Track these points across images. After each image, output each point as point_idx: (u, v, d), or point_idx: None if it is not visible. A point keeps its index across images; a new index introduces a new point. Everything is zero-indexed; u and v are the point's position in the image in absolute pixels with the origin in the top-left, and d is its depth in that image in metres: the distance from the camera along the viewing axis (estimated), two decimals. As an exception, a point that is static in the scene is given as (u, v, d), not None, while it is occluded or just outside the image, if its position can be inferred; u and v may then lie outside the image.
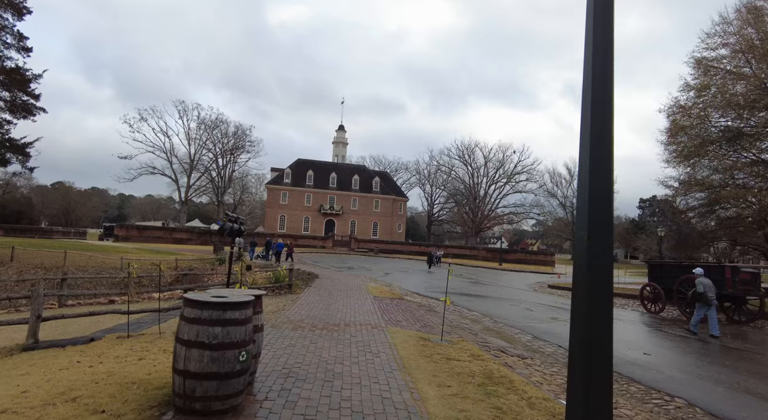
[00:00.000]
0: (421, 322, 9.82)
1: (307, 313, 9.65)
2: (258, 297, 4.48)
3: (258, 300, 4.49)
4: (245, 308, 3.81)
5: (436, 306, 13.96)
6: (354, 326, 8.30)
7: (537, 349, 8.56)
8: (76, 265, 26.26)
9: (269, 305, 11.16)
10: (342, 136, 78.75)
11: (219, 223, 6.44)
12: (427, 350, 6.56)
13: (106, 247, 37.30)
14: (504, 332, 10.20)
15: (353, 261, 37.27)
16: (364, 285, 17.28)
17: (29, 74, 26.39)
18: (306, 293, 13.44)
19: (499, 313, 13.28)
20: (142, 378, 4.46)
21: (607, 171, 2.48)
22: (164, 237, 50.74)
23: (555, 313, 14.29)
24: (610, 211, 2.52)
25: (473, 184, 75.25)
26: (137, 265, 27.01)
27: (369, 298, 12.99)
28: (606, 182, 2.48)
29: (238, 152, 70.64)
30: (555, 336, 9.90)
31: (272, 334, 7.11)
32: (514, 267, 46.47)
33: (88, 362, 5.17)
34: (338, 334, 7.46)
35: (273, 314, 9.58)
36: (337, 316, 9.38)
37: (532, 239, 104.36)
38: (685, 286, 14.24)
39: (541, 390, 5.26)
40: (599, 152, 2.47)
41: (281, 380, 4.72)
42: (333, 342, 6.78)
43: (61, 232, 51.95)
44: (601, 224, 2.46)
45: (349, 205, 67.14)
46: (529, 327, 10.97)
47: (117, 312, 7.37)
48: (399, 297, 14.47)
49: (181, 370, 3.58)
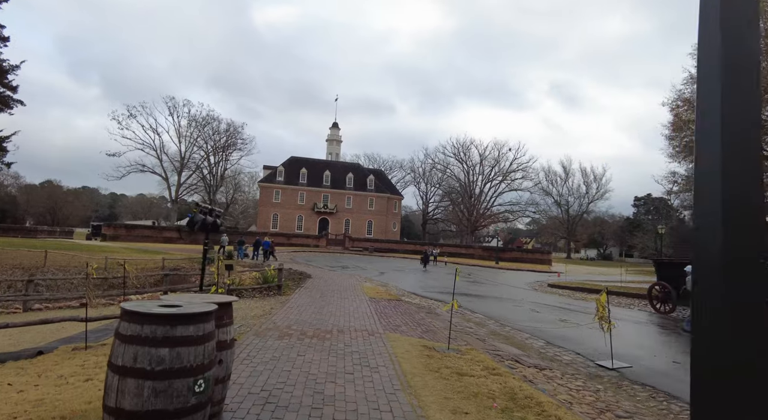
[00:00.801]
0: (423, 326, 8.90)
1: (297, 317, 8.70)
2: (225, 305, 3.54)
3: (226, 309, 3.55)
4: (204, 321, 2.86)
5: (436, 307, 13.06)
6: (349, 333, 7.37)
7: (553, 358, 7.67)
8: (57, 265, 25.11)
9: (255, 308, 10.19)
10: (336, 134, 77.58)
11: (189, 215, 5.38)
12: (433, 363, 5.64)
13: (92, 246, 36.06)
14: (513, 337, 9.32)
15: (347, 260, 36.31)
16: (359, 285, 16.35)
17: (6, 65, 25.12)
18: (297, 295, 12.49)
19: (504, 315, 12.41)
20: (77, 409, 3.49)
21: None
22: (154, 236, 49.49)
23: (562, 314, 13.44)
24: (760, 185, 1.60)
25: (468, 182, 74.47)
26: (117, 265, 25.93)
27: (365, 300, 12.06)
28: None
29: (230, 150, 69.43)
30: (568, 341, 9.04)
31: (254, 344, 6.16)
32: (511, 265, 45.72)
33: (21, 385, 4.20)
34: (331, 342, 6.52)
35: (258, 319, 8.62)
36: (329, 321, 8.44)
37: (527, 238, 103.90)
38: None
39: (574, 413, 4.36)
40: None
41: (257, 408, 3.78)
42: (324, 353, 5.84)
43: (47, 232, 50.45)
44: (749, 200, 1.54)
45: (343, 204, 66.09)
46: (538, 330, 10.09)
47: (74, 319, 6.37)
48: (396, 298, 13.56)
49: (113, 409, 2.62)
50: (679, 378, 6.55)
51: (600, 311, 7.16)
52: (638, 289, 21.94)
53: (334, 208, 65.00)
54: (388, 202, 68.36)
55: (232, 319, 3.77)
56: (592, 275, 36.25)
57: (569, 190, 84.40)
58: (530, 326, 10.66)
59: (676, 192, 24.82)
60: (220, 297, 3.80)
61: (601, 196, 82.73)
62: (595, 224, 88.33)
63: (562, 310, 14.60)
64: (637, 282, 29.44)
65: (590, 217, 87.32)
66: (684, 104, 23.47)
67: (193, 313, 2.80)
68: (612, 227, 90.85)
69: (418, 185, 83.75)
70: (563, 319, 12.19)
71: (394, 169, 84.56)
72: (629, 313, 14.70)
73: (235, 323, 8.48)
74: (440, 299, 15.31)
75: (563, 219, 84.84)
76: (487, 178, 74.21)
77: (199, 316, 2.82)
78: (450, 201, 79.02)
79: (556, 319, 12.24)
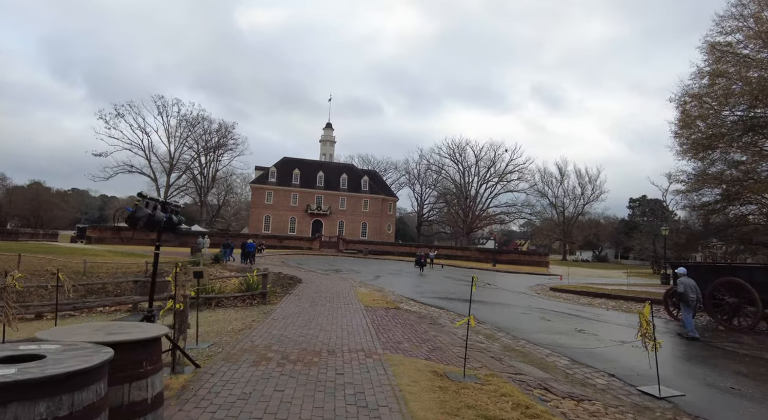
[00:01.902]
0: (428, 343, 7.65)
1: (280, 332, 7.41)
2: (144, 343, 2.28)
3: (146, 349, 2.28)
4: (74, 388, 1.60)
5: (439, 317, 11.82)
6: (341, 354, 6.10)
7: (584, 381, 6.45)
8: (32, 269, 23.59)
9: (234, 321, 8.89)
10: (329, 134, 76.15)
11: (129, 209, 4.08)
12: (449, 399, 4.39)
13: (74, 249, 34.48)
14: (531, 353, 8.09)
15: (341, 263, 34.98)
16: (353, 291, 15.07)
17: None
18: (284, 303, 11.19)
19: (514, 325, 11.19)
20: None
21: None
22: (141, 238, 47.75)
23: (576, 322, 12.25)
24: None
25: (464, 184, 73.42)
26: (100, 269, 24.45)
27: (359, 309, 10.79)
28: None
29: (222, 150, 67.86)
30: (596, 358, 7.82)
31: (220, 374, 4.87)
32: (509, 268, 44.59)
33: None
34: (318, 370, 5.25)
35: (236, 335, 7.32)
36: (318, 338, 7.17)
37: (521, 239, 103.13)
38: (721, 292, 12.45)
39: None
40: None
41: None
42: (310, 387, 4.57)
43: (29, 234, 48.69)
44: None
45: (337, 205, 64.70)
46: (557, 345, 8.88)
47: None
48: (394, 306, 12.29)
49: None
50: (749, 412, 5.35)
51: (644, 326, 5.96)
52: (647, 293, 20.85)
53: (327, 209, 63.60)
54: (382, 203, 67.09)
55: (160, 362, 2.50)
56: (592, 278, 35.20)
57: (564, 192, 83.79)
58: (547, 339, 9.45)
59: (683, 191, 23.77)
60: (141, 331, 2.53)
61: (597, 198, 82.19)
62: (590, 226, 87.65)
63: (573, 317, 13.42)
64: (640, 285, 28.42)
65: (585, 218, 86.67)
66: (692, 99, 22.48)
67: (47, 377, 1.53)
68: (607, 229, 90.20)
69: (412, 187, 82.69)
70: (580, 329, 10.99)
71: (389, 170, 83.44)
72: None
73: (208, 340, 7.18)
74: (442, 306, 14.08)
75: (558, 220, 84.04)
76: (482, 180, 73.29)
77: (59, 382, 1.55)
78: (445, 202, 77.91)
79: (571, 329, 11.03)
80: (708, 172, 22.41)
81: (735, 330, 11.95)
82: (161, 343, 2.51)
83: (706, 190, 22.44)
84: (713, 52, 21.74)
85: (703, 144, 21.70)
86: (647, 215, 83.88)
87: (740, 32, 21.61)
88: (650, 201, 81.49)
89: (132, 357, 2.11)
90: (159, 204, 4.41)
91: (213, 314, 10.02)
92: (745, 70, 21.11)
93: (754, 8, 21.02)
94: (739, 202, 21.72)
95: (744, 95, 20.60)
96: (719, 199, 22.29)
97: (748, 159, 20.46)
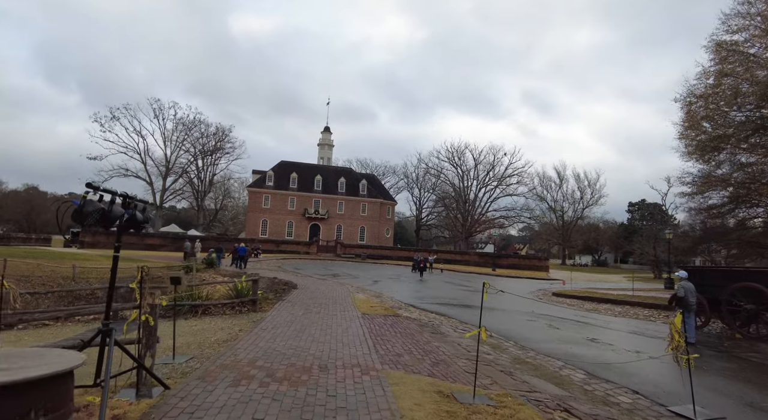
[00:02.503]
0: (431, 355, 6.96)
1: (268, 345, 6.72)
2: (39, 383, 1.60)
3: (49, 389, 1.61)
4: None
5: (441, 325, 11.14)
6: (334, 371, 5.41)
7: (607, 400, 5.77)
8: (18, 275, 22.82)
9: (219, 331, 8.19)
10: (327, 138, 75.58)
11: (76, 202, 3.37)
12: (460, 429, 3.71)
13: (64, 254, 33.66)
14: (543, 366, 7.41)
15: (339, 267, 34.25)
16: (350, 297, 14.37)
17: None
18: (275, 311, 10.48)
19: (521, 333, 10.53)
20: None
21: None
22: (136, 243, 47.15)
23: (585, 330, 11.58)
24: None
25: (463, 187, 72.79)
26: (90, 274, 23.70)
27: (356, 317, 10.10)
28: None
29: (219, 154, 67.18)
30: (614, 372, 7.14)
31: (191, 397, 4.18)
32: (509, 272, 43.94)
33: None
34: (307, 390, 4.57)
35: (218, 347, 6.63)
36: (310, 351, 6.48)
37: (520, 244, 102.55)
38: (738, 297, 11.84)
39: None
40: None
41: None
42: (295, 414, 3.89)
43: (21, 239, 47.77)
44: None
45: (335, 209, 64.00)
46: (570, 356, 8.20)
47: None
48: (393, 313, 11.61)
49: None
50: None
51: (676, 339, 5.30)
52: (652, 298, 20.20)
53: (325, 213, 62.89)
54: (381, 207, 66.41)
55: (68, 406, 1.81)
56: (593, 283, 34.56)
57: (564, 196, 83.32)
58: (558, 349, 8.77)
59: (689, 194, 23.16)
60: (37, 365, 1.84)
61: (596, 202, 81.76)
62: (589, 230, 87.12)
63: (582, 325, 12.76)
64: (645, 290, 27.75)
65: (584, 222, 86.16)
66: (698, 100, 21.95)
67: None
68: (606, 233, 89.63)
69: (411, 191, 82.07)
70: (591, 338, 10.32)
71: (387, 174, 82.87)
72: (652, 327, 12.93)
73: (188, 353, 6.45)
74: (443, 312, 13.40)
75: (558, 225, 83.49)
76: (481, 183, 72.66)
77: None
78: (444, 206, 77.25)
79: (582, 338, 10.36)
80: (714, 174, 21.85)
81: (753, 338, 11.33)
82: (71, 379, 1.82)
83: (712, 193, 21.88)
84: (719, 52, 21.23)
85: (710, 145, 21.15)
86: (647, 219, 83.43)
87: (746, 31, 21.14)
88: (649, 205, 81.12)
89: (11, 404, 1.44)
90: (117, 197, 3.73)
91: (198, 323, 9.31)
92: (753, 68, 20.61)
93: (761, 6, 20.55)
94: (747, 205, 21.15)
95: (751, 95, 20.08)
96: (726, 202, 21.72)
97: (757, 160, 19.91)
